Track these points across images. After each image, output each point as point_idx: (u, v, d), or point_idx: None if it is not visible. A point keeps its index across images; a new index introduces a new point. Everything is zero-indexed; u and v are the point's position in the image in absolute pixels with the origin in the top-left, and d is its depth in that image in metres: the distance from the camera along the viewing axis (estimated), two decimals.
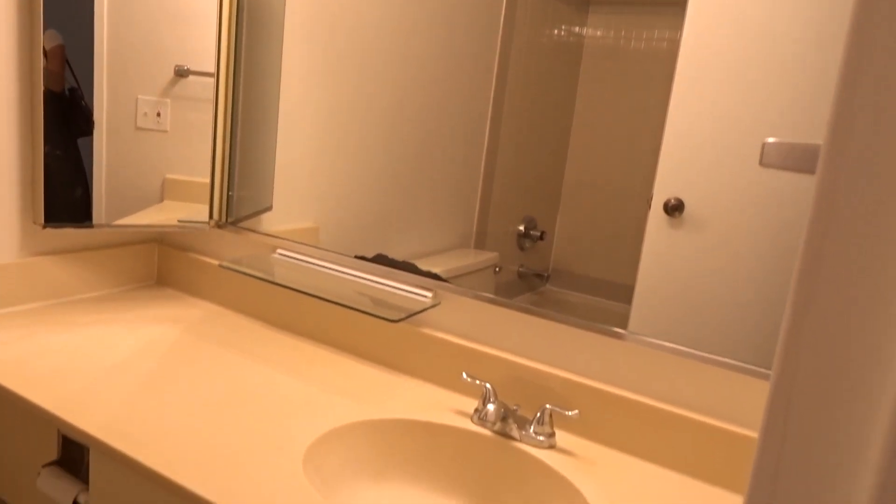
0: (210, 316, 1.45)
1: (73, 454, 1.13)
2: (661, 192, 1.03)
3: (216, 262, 1.51)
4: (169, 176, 1.48)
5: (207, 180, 1.50)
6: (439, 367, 1.23)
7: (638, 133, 1.06)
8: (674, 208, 1.03)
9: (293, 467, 0.93)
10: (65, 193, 1.36)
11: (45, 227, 1.34)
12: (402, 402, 1.15)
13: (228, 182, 1.50)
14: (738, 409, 1.01)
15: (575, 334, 1.12)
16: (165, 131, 1.45)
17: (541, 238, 1.16)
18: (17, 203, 1.34)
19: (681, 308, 1.03)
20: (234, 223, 1.49)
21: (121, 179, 1.43)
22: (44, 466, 1.11)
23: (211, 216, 1.50)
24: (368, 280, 1.31)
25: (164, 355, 1.23)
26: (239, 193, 1.50)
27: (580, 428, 1.11)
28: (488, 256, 1.21)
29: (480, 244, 1.22)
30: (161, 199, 1.49)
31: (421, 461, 1.08)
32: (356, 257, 1.33)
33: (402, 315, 1.19)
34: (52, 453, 1.14)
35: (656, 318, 1.05)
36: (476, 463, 1.07)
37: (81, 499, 1.06)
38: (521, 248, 1.17)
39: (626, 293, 1.08)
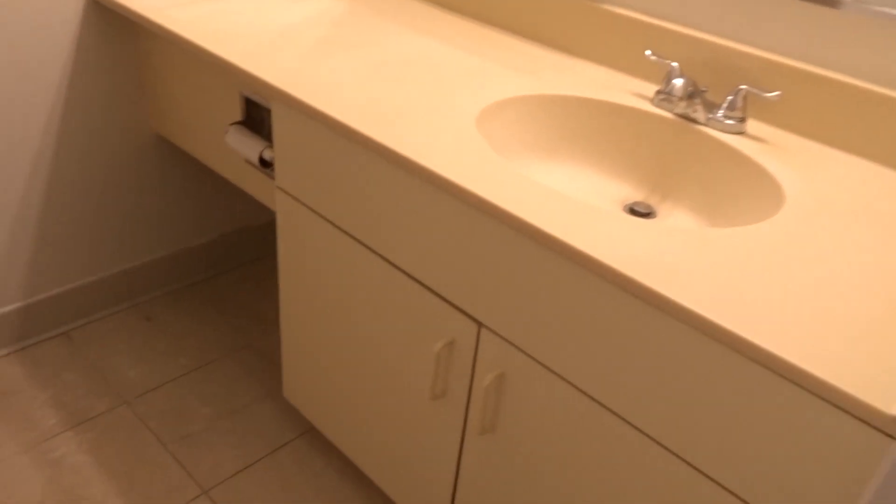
0: None
1: (256, 117, 1.17)
2: None
3: None
4: None
5: None
6: (619, 48, 1.13)
7: None
8: None
9: (467, 126, 0.92)
10: None
11: None
12: (578, 81, 1.08)
13: None
14: None
15: (780, 5, 0.96)
16: None
17: None
18: None
19: None
20: None
21: None
22: (230, 125, 1.18)
23: None
24: None
25: (333, 25, 1.20)
26: None
27: (775, 117, 1.00)
28: None
29: None
30: None
31: (594, 141, 1.04)
32: None
33: None
34: (237, 114, 1.20)
35: None
36: (654, 146, 1.02)
37: (266, 154, 1.12)
38: None
39: None
